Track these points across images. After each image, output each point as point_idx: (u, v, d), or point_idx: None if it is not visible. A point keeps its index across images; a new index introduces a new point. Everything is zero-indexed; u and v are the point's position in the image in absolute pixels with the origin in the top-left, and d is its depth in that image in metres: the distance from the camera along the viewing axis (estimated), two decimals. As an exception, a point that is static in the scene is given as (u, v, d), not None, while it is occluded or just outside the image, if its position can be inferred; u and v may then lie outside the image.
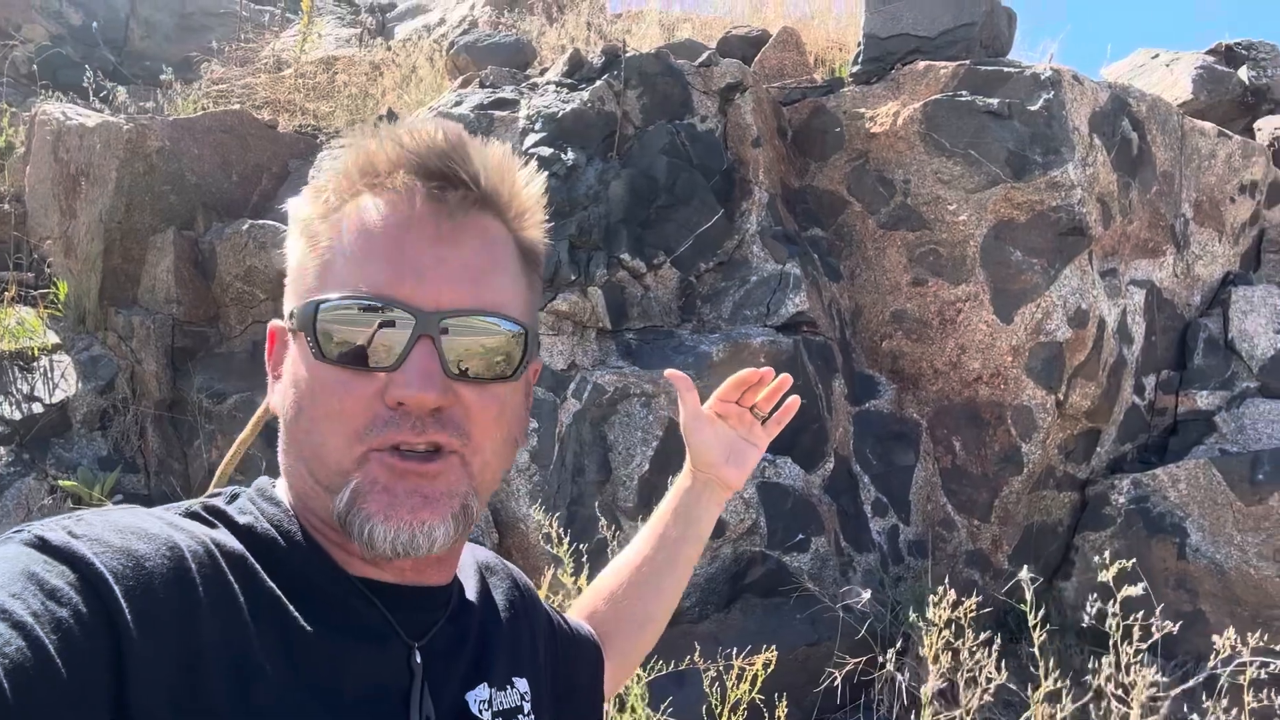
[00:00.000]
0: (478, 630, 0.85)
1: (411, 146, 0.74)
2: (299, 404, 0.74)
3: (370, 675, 0.72)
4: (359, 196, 0.75)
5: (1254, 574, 3.84)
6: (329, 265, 0.74)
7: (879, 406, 4.27)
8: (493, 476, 0.78)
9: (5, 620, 0.56)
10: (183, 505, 0.75)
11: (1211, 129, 4.89)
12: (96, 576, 0.60)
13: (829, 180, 4.61)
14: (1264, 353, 4.45)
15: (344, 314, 0.71)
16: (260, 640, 0.66)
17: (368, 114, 5.87)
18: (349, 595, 0.74)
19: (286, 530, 0.74)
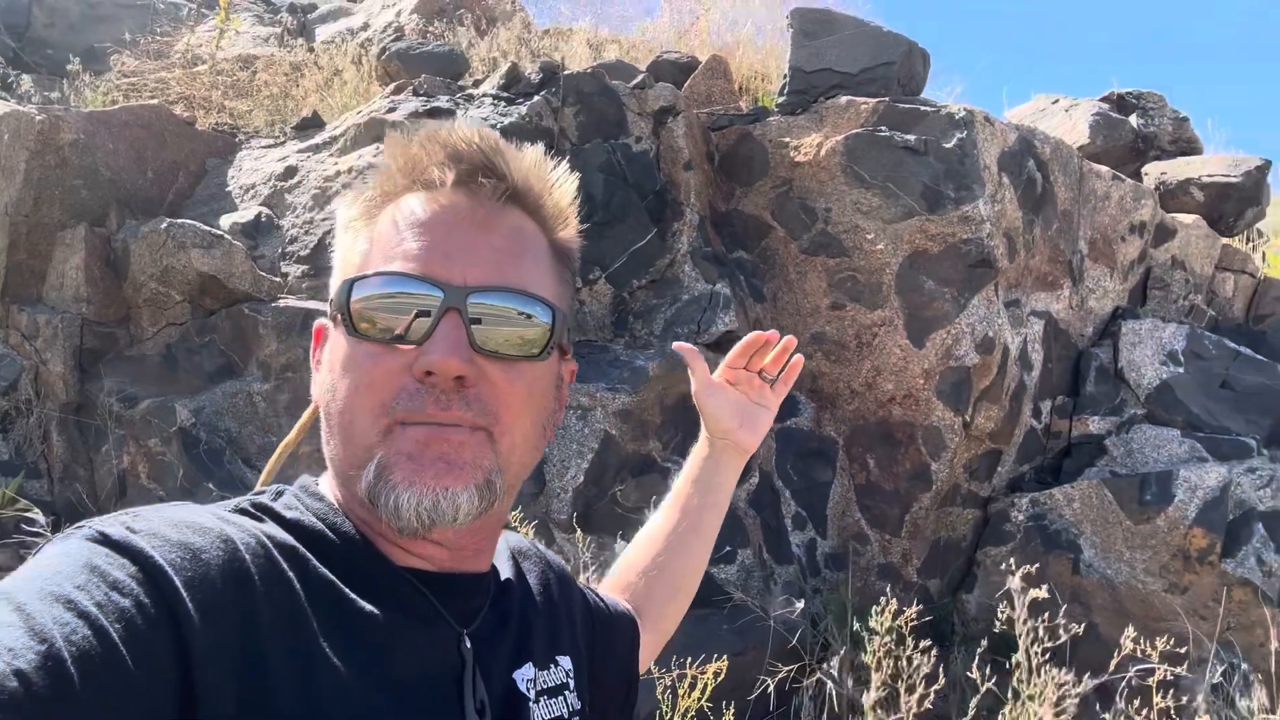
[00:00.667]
0: (518, 613, 0.88)
1: (447, 143, 0.78)
2: (333, 384, 0.77)
3: (423, 661, 0.74)
4: (401, 193, 0.80)
5: (1141, 588, 4.13)
6: (366, 255, 0.78)
7: (799, 424, 4.42)
8: (520, 462, 0.79)
9: (71, 610, 0.57)
10: (230, 503, 0.77)
11: (1107, 172, 5.25)
12: (156, 569, 0.62)
13: (754, 205, 4.76)
14: (1150, 382, 4.80)
15: (375, 291, 0.74)
16: (317, 627, 0.68)
17: (288, 114, 5.76)
18: (397, 584, 0.76)
19: (333, 523, 0.76)
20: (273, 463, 0.98)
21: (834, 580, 4.24)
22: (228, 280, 4.16)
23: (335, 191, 4.41)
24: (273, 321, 4.04)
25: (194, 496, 3.68)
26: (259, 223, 4.45)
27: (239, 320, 4.13)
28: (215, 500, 2.98)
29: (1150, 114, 6.23)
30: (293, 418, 3.99)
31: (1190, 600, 4.05)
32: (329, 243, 4.25)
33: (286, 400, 3.98)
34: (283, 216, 4.48)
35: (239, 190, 4.71)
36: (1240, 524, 4.09)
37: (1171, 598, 4.08)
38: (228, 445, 3.89)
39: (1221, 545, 4.04)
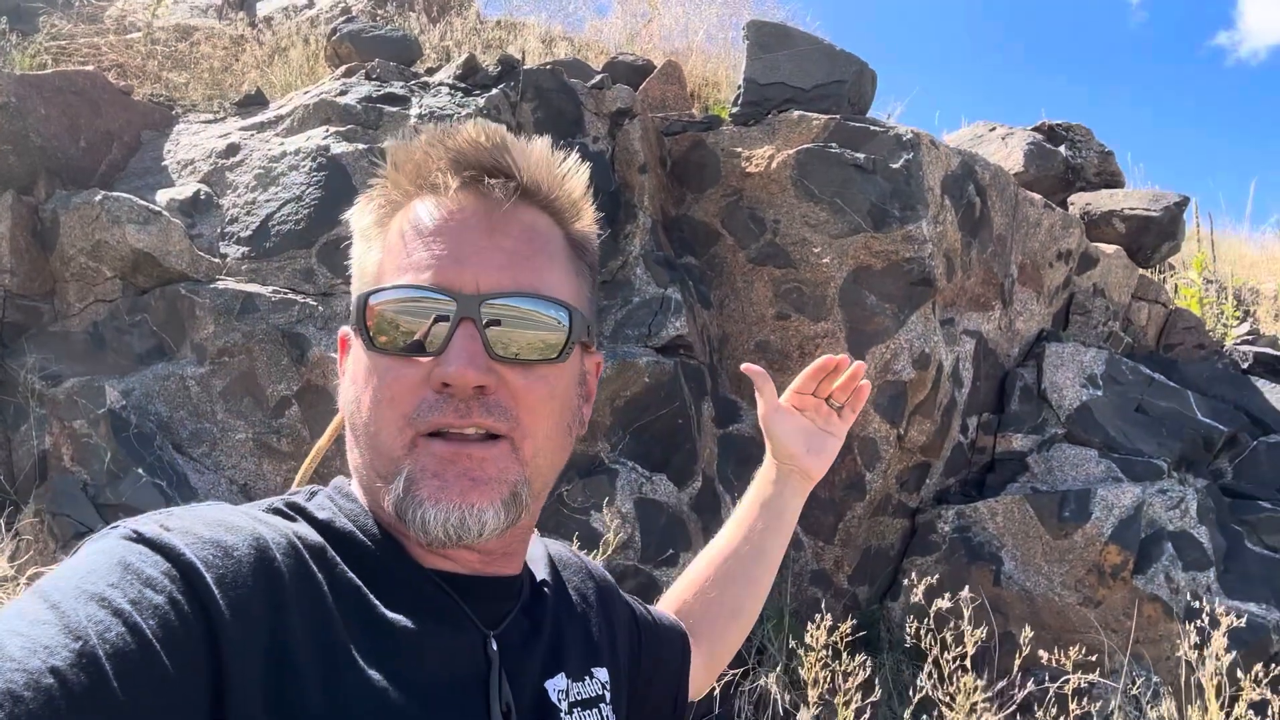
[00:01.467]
0: (552, 621, 0.88)
1: (452, 144, 0.78)
2: (356, 398, 0.77)
3: (449, 663, 0.75)
4: (410, 199, 0.80)
5: (1057, 601, 4.32)
6: (380, 265, 0.79)
7: (741, 430, 4.48)
8: (547, 464, 0.79)
9: (106, 608, 0.58)
10: (264, 502, 0.77)
11: (1039, 200, 5.47)
12: (188, 566, 0.62)
13: (704, 212, 4.81)
14: (1070, 403, 5.01)
15: (390, 303, 0.74)
16: (345, 627, 0.69)
17: (228, 90, 5.58)
18: (425, 586, 0.77)
19: (363, 524, 0.77)
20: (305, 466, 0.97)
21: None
22: (163, 258, 4.01)
23: (280, 172, 4.29)
24: (210, 304, 3.92)
25: (122, 481, 3.54)
26: (198, 200, 4.30)
27: (174, 301, 3.98)
28: (144, 486, 2.91)
29: (1078, 146, 6.51)
30: (228, 404, 3.88)
31: (1103, 614, 4.25)
32: (272, 225, 4.14)
33: (221, 386, 3.86)
34: (223, 195, 4.34)
35: (176, 165, 4.54)
36: (1151, 542, 4.32)
37: (1086, 611, 4.27)
38: (159, 430, 3.75)
39: (1134, 562, 4.25)
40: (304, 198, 4.16)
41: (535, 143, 0.81)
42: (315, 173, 4.19)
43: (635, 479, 3.76)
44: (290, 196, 4.17)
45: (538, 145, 0.81)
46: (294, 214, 4.14)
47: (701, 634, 1.15)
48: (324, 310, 3.95)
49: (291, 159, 4.28)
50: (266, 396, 3.83)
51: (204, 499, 3.74)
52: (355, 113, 4.38)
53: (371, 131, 4.29)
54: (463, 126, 0.79)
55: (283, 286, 4.01)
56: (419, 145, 0.79)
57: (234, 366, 3.86)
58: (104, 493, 3.52)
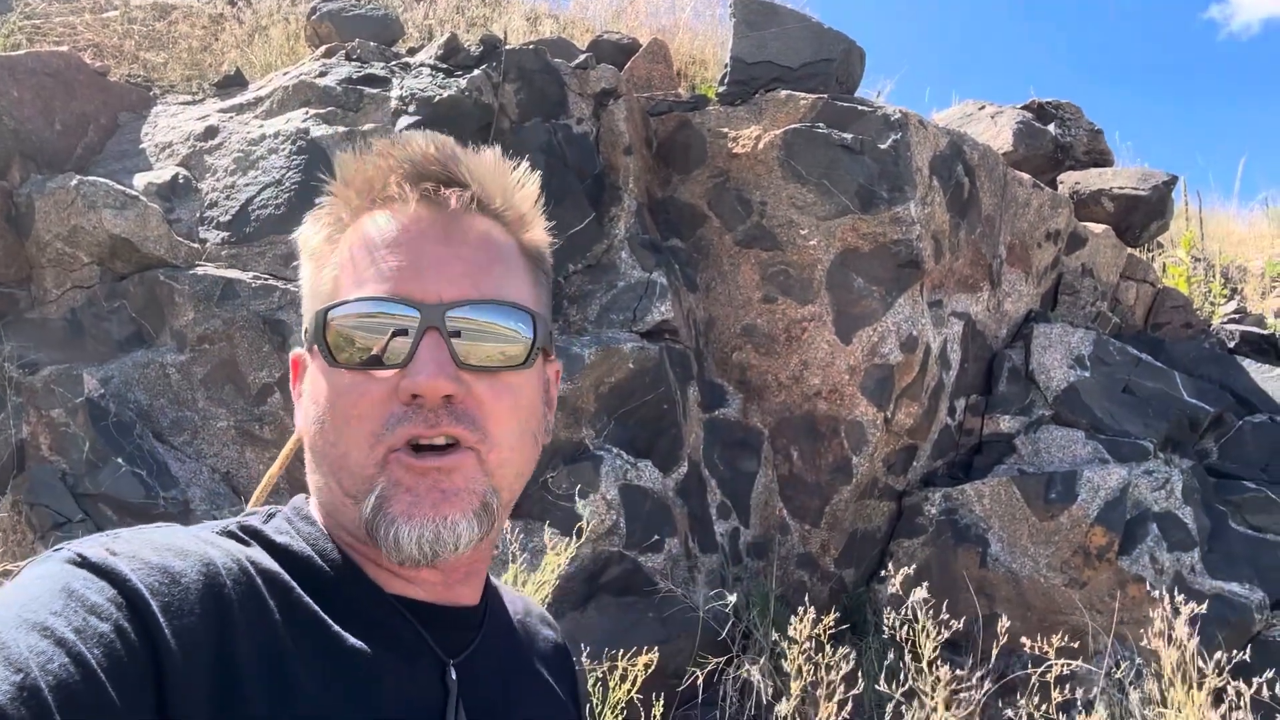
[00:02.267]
0: (519, 668, 0.87)
1: (402, 156, 0.77)
2: (320, 417, 0.75)
3: (406, 690, 0.73)
4: (360, 214, 0.79)
5: (1043, 582, 4.33)
6: (336, 280, 0.77)
7: (727, 415, 4.46)
8: (514, 473, 0.78)
9: (49, 638, 0.56)
10: (219, 524, 0.76)
11: (1028, 180, 5.44)
12: (134, 593, 0.61)
13: (690, 194, 4.77)
14: (1058, 384, 5.01)
15: (350, 318, 0.73)
16: (296, 655, 0.67)
17: (207, 70, 5.49)
18: (384, 612, 0.75)
19: (322, 549, 0.75)
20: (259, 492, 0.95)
21: (755, 569, 4.32)
22: (141, 244, 3.96)
23: (260, 155, 4.23)
24: (190, 290, 3.87)
25: (101, 471, 3.50)
26: (176, 184, 4.24)
27: (153, 287, 3.93)
28: (123, 476, 2.87)
29: (1067, 124, 6.47)
30: (209, 392, 3.84)
31: (1088, 595, 4.27)
32: (252, 210, 4.08)
33: (202, 373, 3.82)
34: (202, 179, 4.28)
35: (154, 148, 4.47)
36: (1136, 523, 4.33)
37: (1071, 592, 4.29)
38: (139, 418, 3.71)
39: (1119, 543, 4.26)
40: (284, 181, 4.10)
41: (485, 153, 0.81)
42: (295, 156, 4.13)
43: (620, 465, 3.74)
44: (270, 180, 4.12)
45: (488, 155, 0.81)
46: (274, 198, 4.08)
47: None
48: (305, 296, 3.90)
49: (271, 142, 4.22)
50: (248, 384, 3.79)
51: (186, 488, 3.70)
52: (335, 95, 4.31)
53: (351, 114, 4.23)
54: (411, 137, 0.78)
55: (263, 272, 3.96)
56: (368, 159, 0.78)
57: (215, 353, 3.82)
58: (83, 482, 3.49)
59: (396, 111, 4.17)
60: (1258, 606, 4.18)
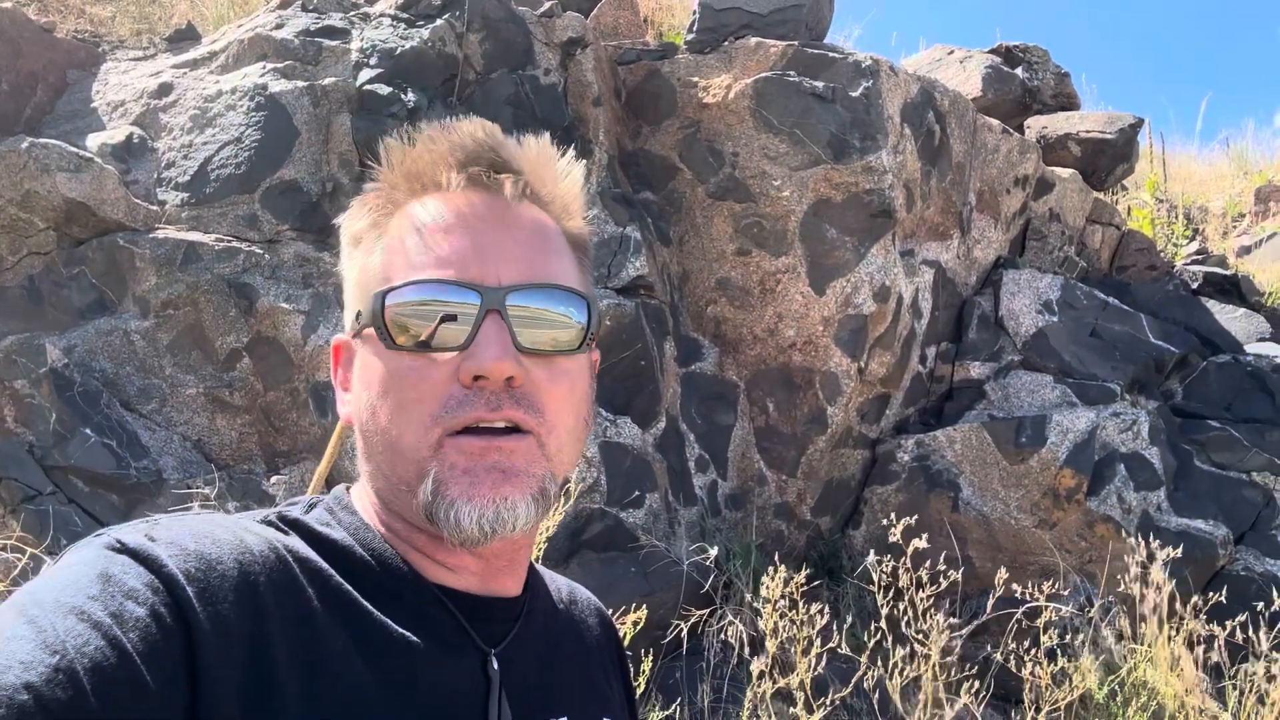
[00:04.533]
0: (564, 658, 0.86)
1: (455, 141, 0.78)
2: (373, 403, 0.75)
3: (447, 680, 0.73)
4: (409, 199, 0.79)
5: (1014, 524, 4.42)
6: (389, 264, 0.77)
7: (703, 369, 4.47)
8: (569, 459, 0.79)
9: (85, 621, 0.57)
10: (259, 513, 0.76)
11: (997, 126, 5.43)
12: (170, 578, 0.61)
13: (661, 145, 4.70)
14: (1027, 330, 5.07)
15: (409, 303, 0.73)
16: (332, 642, 0.67)
17: (156, 23, 5.29)
18: (425, 601, 0.75)
19: (363, 538, 0.76)
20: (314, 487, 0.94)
21: (734, 520, 4.36)
22: (98, 208, 3.83)
23: (217, 112, 4.09)
24: (151, 254, 3.76)
25: (70, 442, 3.44)
26: (131, 144, 4.10)
27: (112, 251, 3.82)
28: (93, 446, 2.82)
29: (1035, 68, 6.46)
30: (176, 358, 3.76)
31: (1058, 535, 4.37)
32: (211, 169, 3.96)
33: (168, 340, 3.73)
34: (158, 138, 4.14)
35: (106, 107, 4.31)
36: (1104, 464, 4.42)
37: (1041, 533, 4.39)
38: (105, 387, 3.63)
39: (1087, 484, 4.35)
40: (243, 139, 3.98)
41: (530, 140, 0.81)
42: (254, 113, 4.00)
43: (599, 423, 3.74)
44: (229, 138, 3.99)
45: (533, 143, 0.80)
46: (234, 157, 3.96)
47: None
48: (270, 259, 3.82)
49: (228, 98, 4.09)
50: (216, 349, 3.72)
51: (157, 457, 3.64)
52: (293, 48, 4.17)
53: (310, 68, 4.10)
54: (460, 124, 0.78)
55: (226, 234, 3.86)
56: (418, 145, 0.78)
57: (180, 319, 3.74)
58: (51, 454, 3.42)
59: (358, 64, 4.05)
60: (1222, 542, 4.31)
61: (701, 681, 3.13)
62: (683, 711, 3.00)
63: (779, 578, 2.66)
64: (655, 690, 3.08)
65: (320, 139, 4.01)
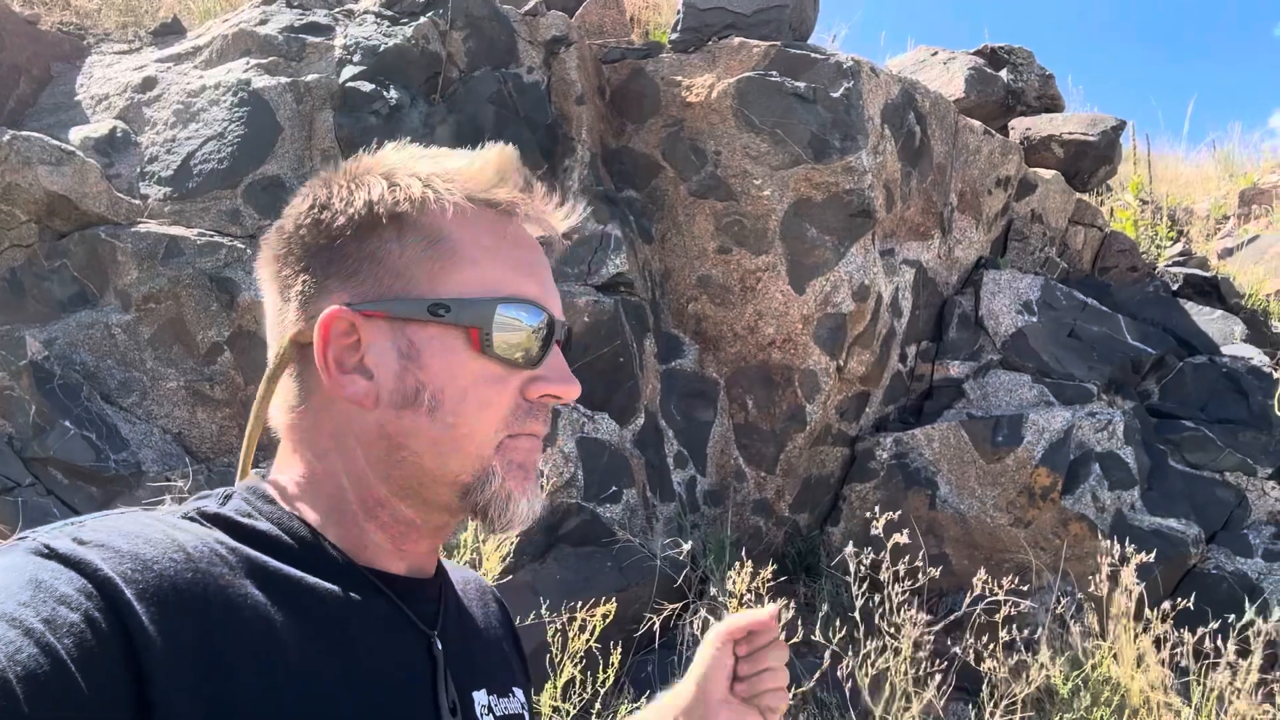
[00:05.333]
0: (474, 634, 0.89)
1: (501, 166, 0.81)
2: (434, 397, 0.75)
3: (391, 662, 0.75)
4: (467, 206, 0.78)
5: (990, 522, 4.47)
6: (491, 270, 0.78)
7: (683, 365, 4.50)
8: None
9: (17, 628, 0.56)
10: (178, 509, 0.75)
11: (979, 127, 5.47)
12: (105, 581, 0.60)
13: (644, 144, 4.73)
14: (1006, 330, 5.11)
15: (515, 319, 0.78)
16: (280, 631, 0.67)
17: (142, 16, 5.30)
18: (358, 585, 0.75)
19: (288, 526, 0.75)
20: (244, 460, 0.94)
21: (712, 516, 4.40)
22: (80, 201, 3.85)
23: (201, 107, 4.11)
24: (132, 248, 3.78)
25: (49, 434, 3.45)
26: (114, 138, 4.12)
27: (94, 245, 3.83)
28: (72, 439, 2.84)
29: (1019, 69, 6.50)
30: (157, 352, 3.78)
31: (1033, 534, 4.42)
32: (194, 164, 3.98)
33: (149, 333, 3.75)
34: (141, 132, 4.15)
35: (90, 100, 4.33)
36: (1080, 463, 4.47)
37: (1016, 531, 4.44)
38: (85, 380, 3.65)
39: (1062, 483, 4.40)
40: (226, 135, 4.00)
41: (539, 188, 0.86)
42: (237, 108, 4.02)
43: (577, 418, 3.77)
44: (212, 133, 4.01)
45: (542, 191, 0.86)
46: (217, 152, 3.98)
47: None
48: (252, 253, 3.83)
49: (212, 93, 4.10)
50: (197, 343, 3.74)
51: (136, 449, 3.66)
52: (276, 43, 4.19)
53: (294, 64, 4.12)
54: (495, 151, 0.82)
55: (208, 229, 3.88)
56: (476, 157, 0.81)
57: (161, 313, 3.76)
58: (31, 447, 3.44)
59: (341, 61, 4.07)
60: (1193, 541, 4.36)
61: (673, 675, 3.17)
62: (655, 704, 3.04)
63: (745, 573, 2.70)
64: (627, 683, 3.12)
65: (303, 135, 4.03)
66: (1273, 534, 4.50)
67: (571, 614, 2.52)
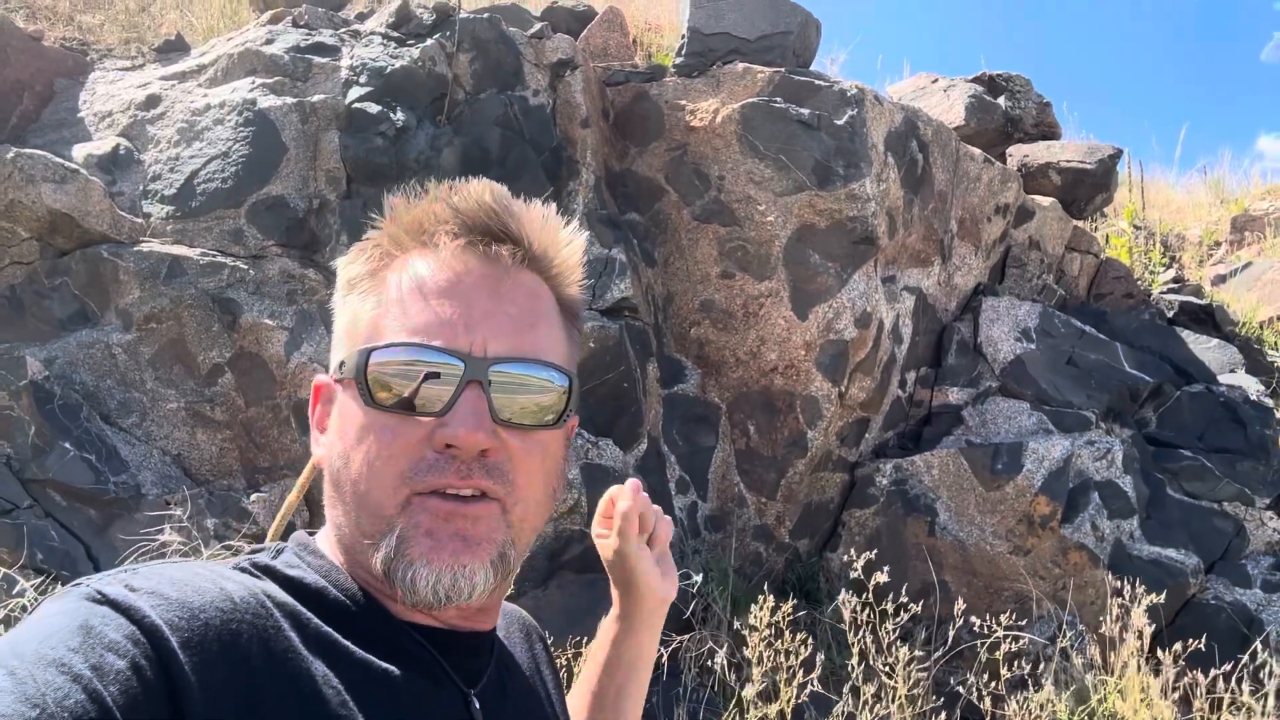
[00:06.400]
0: (518, 685, 0.88)
1: (462, 207, 0.78)
2: (346, 452, 0.76)
3: (431, 716, 0.74)
4: (408, 253, 0.79)
5: (989, 550, 4.47)
6: (380, 319, 0.77)
7: (685, 390, 4.49)
8: (531, 529, 0.80)
9: (65, 674, 0.57)
10: (230, 561, 0.76)
11: (979, 155, 5.51)
12: (153, 628, 0.61)
13: (648, 167, 4.74)
14: (1005, 356, 5.13)
15: (394, 361, 0.74)
16: (320, 684, 0.68)
17: (145, 32, 5.29)
18: (402, 640, 0.76)
19: (335, 580, 0.76)
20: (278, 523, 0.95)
21: (713, 542, 4.38)
22: (82, 219, 3.83)
23: (205, 126, 4.10)
24: (134, 267, 3.76)
25: (48, 455, 3.42)
26: (117, 155, 4.10)
27: (96, 263, 3.81)
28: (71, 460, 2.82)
29: (1017, 97, 6.55)
30: (158, 372, 3.75)
31: (1032, 562, 4.42)
32: (198, 183, 3.96)
33: (150, 353, 3.73)
34: (144, 150, 4.13)
35: (93, 118, 4.31)
36: (1079, 492, 4.48)
37: (1016, 559, 4.44)
38: (85, 400, 3.62)
39: (1062, 512, 4.41)
40: (231, 154, 3.98)
41: (535, 207, 0.82)
42: (242, 127, 4.01)
43: (581, 444, 3.75)
44: (216, 153, 4.00)
45: (538, 210, 0.81)
46: (220, 171, 3.97)
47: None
48: (255, 274, 3.82)
49: (216, 112, 4.09)
50: (198, 364, 3.71)
51: (136, 471, 3.63)
52: (283, 63, 4.19)
53: (300, 84, 4.11)
54: (469, 186, 0.79)
55: (211, 248, 3.86)
56: (422, 202, 0.79)
57: (162, 333, 3.73)
58: (29, 468, 3.40)
59: (347, 82, 4.07)
60: (1193, 571, 4.37)
61: (678, 705, 3.15)
62: (658, 735, 3.01)
63: (767, 606, 2.69)
64: (631, 714, 3.10)
65: (308, 156, 4.02)
66: (1271, 564, 4.52)
67: (577, 649, 2.49)
